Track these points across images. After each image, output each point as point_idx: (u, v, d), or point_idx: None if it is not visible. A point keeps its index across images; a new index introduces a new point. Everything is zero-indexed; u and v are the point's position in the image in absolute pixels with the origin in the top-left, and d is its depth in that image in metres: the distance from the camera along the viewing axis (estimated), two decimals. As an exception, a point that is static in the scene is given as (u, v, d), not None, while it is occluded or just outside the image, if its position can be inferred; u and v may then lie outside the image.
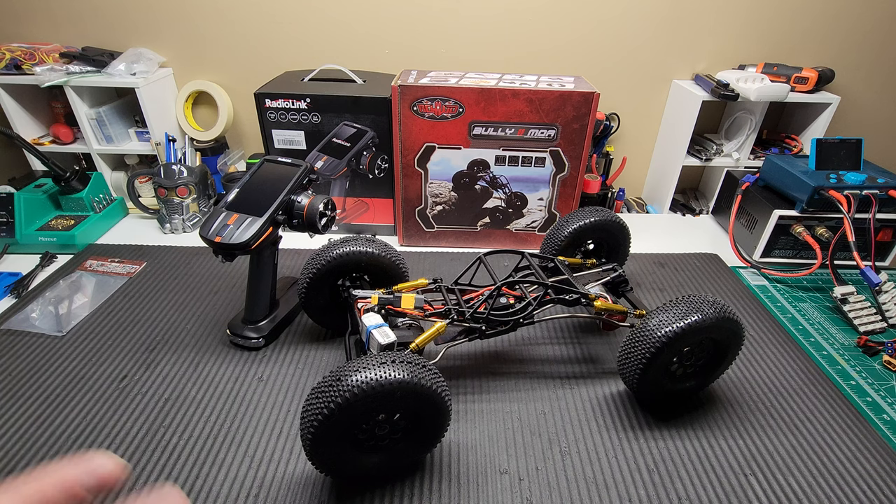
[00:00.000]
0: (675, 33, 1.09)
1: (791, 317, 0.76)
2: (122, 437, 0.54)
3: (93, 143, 1.08)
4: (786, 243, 0.86)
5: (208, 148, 1.13)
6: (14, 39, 1.07)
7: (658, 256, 0.90)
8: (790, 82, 1.03)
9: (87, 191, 0.91)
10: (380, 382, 0.42)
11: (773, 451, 0.54)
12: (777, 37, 1.10)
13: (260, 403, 0.58)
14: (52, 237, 0.86)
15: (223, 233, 0.59)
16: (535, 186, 0.87)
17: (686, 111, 1.07)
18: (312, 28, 1.08)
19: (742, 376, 0.64)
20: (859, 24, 1.08)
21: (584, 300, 0.59)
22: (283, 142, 0.88)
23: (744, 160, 1.11)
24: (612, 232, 0.73)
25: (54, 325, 0.69)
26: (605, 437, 0.55)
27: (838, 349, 0.69)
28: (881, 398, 0.61)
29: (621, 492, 0.50)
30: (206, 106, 1.18)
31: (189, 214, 0.94)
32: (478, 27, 1.08)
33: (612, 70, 1.13)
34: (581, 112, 0.79)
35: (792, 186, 0.84)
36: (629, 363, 0.55)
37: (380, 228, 0.97)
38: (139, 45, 1.09)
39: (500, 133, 0.82)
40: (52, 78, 0.97)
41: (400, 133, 0.82)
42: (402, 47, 1.10)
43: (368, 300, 0.57)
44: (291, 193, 0.64)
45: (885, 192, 0.79)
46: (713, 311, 0.52)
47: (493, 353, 0.67)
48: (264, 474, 0.50)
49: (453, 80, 0.80)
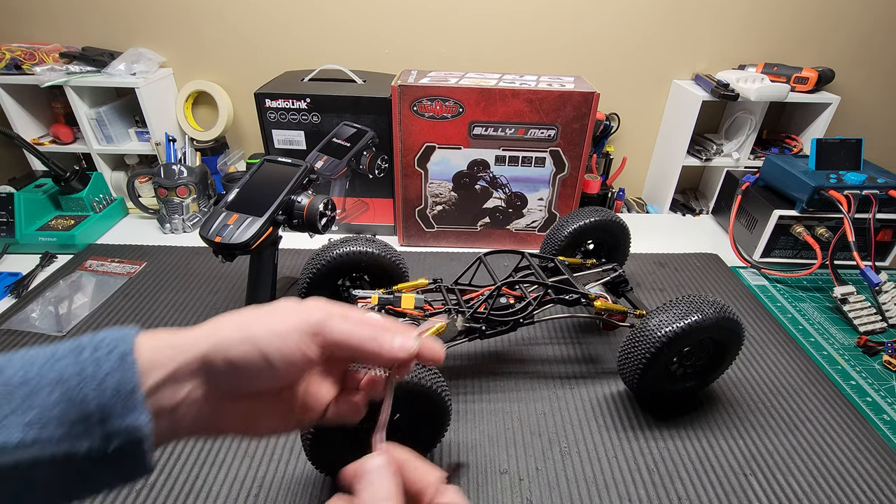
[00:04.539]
0: (675, 33, 1.09)
1: (791, 317, 0.76)
2: (122, 437, 0.54)
3: (93, 143, 1.08)
4: (786, 243, 0.86)
5: (208, 148, 1.13)
6: (14, 39, 1.07)
7: (658, 256, 0.90)
8: (790, 82, 1.03)
9: (87, 191, 0.91)
10: (380, 382, 0.42)
11: (773, 451, 0.54)
12: (777, 37, 1.10)
13: (260, 403, 0.58)
14: (52, 237, 0.86)
15: (223, 233, 0.59)
16: (535, 186, 0.87)
17: (686, 111, 1.07)
18: (312, 28, 1.08)
19: (742, 376, 0.64)
20: (859, 24, 1.08)
21: (584, 300, 0.59)
22: (283, 142, 0.88)
23: (744, 160, 1.11)
24: (612, 232, 0.73)
25: (54, 325, 0.69)
26: (605, 437, 0.55)
27: (838, 349, 0.69)
28: (881, 398, 0.61)
29: (621, 492, 0.50)
30: (206, 106, 1.18)
31: (189, 214, 0.94)
32: (478, 27, 1.08)
33: (612, 70, 1.13)
34: (581, 112, 0.79)
35: (792, 186, 0.84)
36: (629, 363, 0.55)
37: (380, 228, 0.97)
38: (139, 45, 1.09)
39: (500, 133, 0.82)
40: (52, 78, 0.97)
41: (400, 133, 0.82)
42: (402, 47, 1.10)
43: (368, 300, 0.57)
44: (291, 193, 0.64)
45: (885, 192, 0.79)
46: (713, 311, 0.52)
47: (493, 353, 0.67)
48: (264, 474, 0.50)
49: (453, 80, 0.80)
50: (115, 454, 0.22)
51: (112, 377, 0.22)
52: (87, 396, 0.22)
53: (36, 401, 0.21)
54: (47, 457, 0.21)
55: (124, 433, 0.22)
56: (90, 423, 0.22)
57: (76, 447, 0.21)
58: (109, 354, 0.22)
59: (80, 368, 0.22)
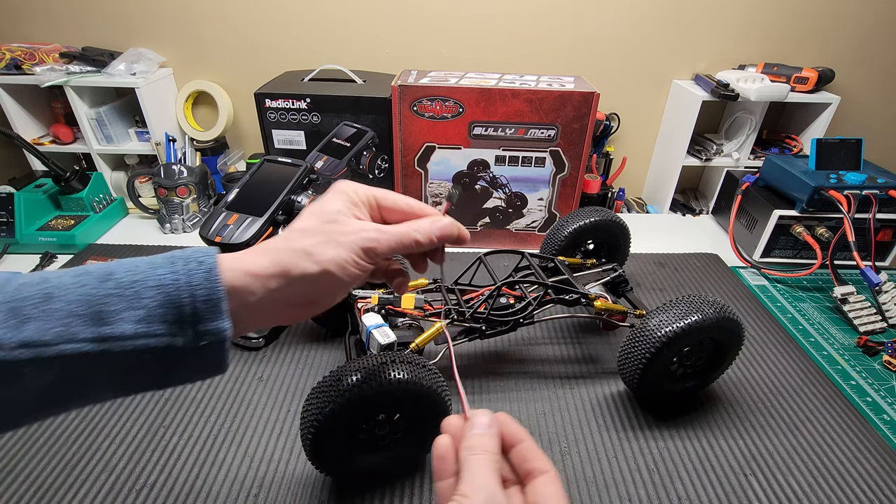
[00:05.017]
0: (675, 33, 1.09)
1: (791, 317, 0.76)
2: (123, 437, 0.54)
3: (93, 143, 1.08)
4: (786, 243, 0.86)
5: (208, 148, 1.13)
6: (14, 39, 1.07)
7: (658, 256, 0.90)
8: (790, 82, 1.03)
9: (87, 191, 0.91)
10: (380, 382, 0.42)
11: (773, 451, 0.54)
12: (777, 37, 1.10)
13: (260, 403, 0.58)
14: (52, 237, 0.86)
15: (223, 233, 0.59)
16: (535, 186, 0.87)
17: (686, 111, 1.07)
18: (312, 28, 1.08)
19: (742, 376, 0.64)
20: (859, 23, 1.08)
21: (584, 300, 0.59)
22: (283, 142, 0.88)
23: (744, 160, 1.11)
24: (612, 232, 0.73)
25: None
26: (605, 437, 0.55)
27: (838, 349, 0.69)
28: (881, 398, 0.61)
29: (621, 492, 0.50)
30: (206, 106, 1.18)
31: (189, 214, 0.94)
32: (478, 27, 1.08)
33: (612, 70, 1.13)
34: (581, 112, 0.79)
35: (792, 186, 0.84)
36: (629, 363, 0.55)
37: (380, 228, 0.97)
38: (139, 45, 1.09)
39: (500, 133, 0.82)
40: (52, 78, 0.97)
41: (400, 133, 0.82)
42: (402, 47, 1.10)
43: (368, 300, 0.57)
44: (291, 193, 0.64)
45: (885, 192, 0.79)
46: (713, 311, 0.52)
47: (493, 353, 0.67)
48: (264, 474, 0.50)
49: (453, 80, 0.80)
50: (204, 350, 0.27)
51: (202, 288, 0.27)
52: (184, 302, 0.26)
53: (143, 301, 0.26)
54: (151, 347, 0.26)
55: (212, 334, 0.27)
56: (185, 324, 0.27)
57: (175, 341, 0.26)
58: (199, 267, 0.27)
59: (176, 278, 0.27)
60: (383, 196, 0.34)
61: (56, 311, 0.25)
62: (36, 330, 0.24)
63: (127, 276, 0.26)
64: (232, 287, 0.28)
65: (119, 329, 0.25)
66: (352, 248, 0.31)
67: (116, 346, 0.25)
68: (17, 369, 0.24)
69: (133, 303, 0.26)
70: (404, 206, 0.34)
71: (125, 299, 0.26)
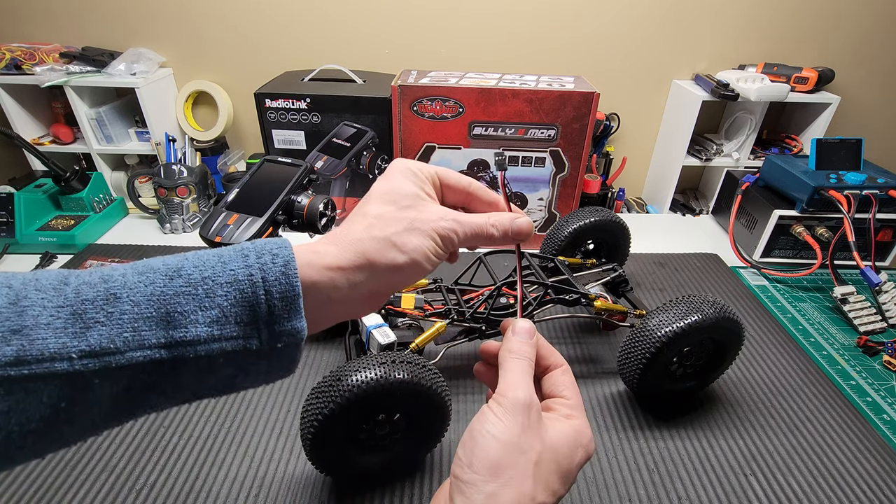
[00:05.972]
0: (675, 33, 1.09)
1: (791, 317, 0.76)
2: (123, 437, 0.54)
3: (93, 143, 1.08)
4: (786, 243, 0.86)
5: (208, 148, 1.13)
6: (14, 39, 1.07)
7: (658, 256, 0.90)
8: (790, 82, 1.03)
9: (87, 191, 0.91)
10: (380, 382, 0.42)
11: (773, 451, 0.54)
12: (777, 37, 1.10)
13: (260, 403, 0.58)
14: (52, 237, 0.86)
15: (223, 233, 0.59)
16: (535, 186, 0.87)
17: (686, 111, 1.07)
18: (312, 28, 1.08)
19: (742, 376, 0.64)
20: (859, 24, 1.08)
21: (584, 300, 0.59)
22: (283, 142, 0.88)
23: (744, 160, 1.11)
24: (612, 232, 0.73)
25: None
26: (605, 437, 0.55)
27: (838, 349, 0.69)
28: (881, 398, 0.61)
29: (621, 492, 0.50)
30: (206, 106, 1.18)
31: (189, 214, 0.94)
32: (478, 27, 1.08)
33: (612, 70, 1.13)
34: (581, 112, 0.79)
35: (792, 186, 0.84)
36: (629, 363, 0.55)
37: (380, 228, 0.97)
38: (139, 45, 1.09)
39: (500, 133, 0.82)
40: (52, 78, 0.97)
41: (400, 133, 0.82)
42: (402, 47, 1.10)
43: (368, 300, 0.57)
44: (291, 193, 0.64)
45: (885, 192, 0.79)
46: (713, 311, 0.52)
47: (493, 353, 0.67)
48: (264, 474, 0.50)
49: (453, 80, 0.80)
50: (279, 352, 0.25)
51: (278, 284, 0.24)
52: (259, 300, 0.24)
53: (216, 300, 0.23)
54: (227, 351, 0.24)
55: (289, 335, 0.25)
56: (259, 324, 0.24)
57: (249, 344, 0.24)
58: (274, 260, 0.25)
59: (249, 273, 0.24)
60: (445, 175, 0.33)
61: (123, 314, 0.22)
62: (102, 336, 0.22)
63: (196, 271, 0.24)
64: (311, 283, 0.26)
65: (192, 333, 0.23)
66: (431, 237, 0.29)
67: (189, 351, 0.23)
68: (86, 381, 0.21)
69: (205, 302, 0.23)
70: (466, 186, 0.33)
71: (196, 298, 0.23)
